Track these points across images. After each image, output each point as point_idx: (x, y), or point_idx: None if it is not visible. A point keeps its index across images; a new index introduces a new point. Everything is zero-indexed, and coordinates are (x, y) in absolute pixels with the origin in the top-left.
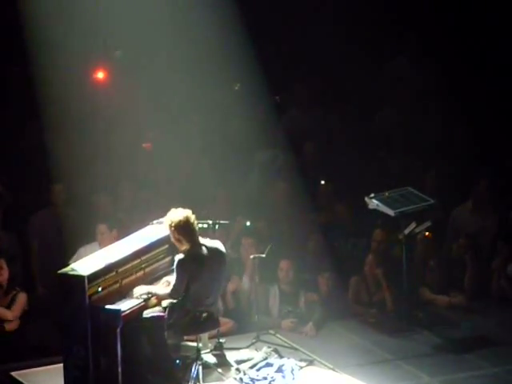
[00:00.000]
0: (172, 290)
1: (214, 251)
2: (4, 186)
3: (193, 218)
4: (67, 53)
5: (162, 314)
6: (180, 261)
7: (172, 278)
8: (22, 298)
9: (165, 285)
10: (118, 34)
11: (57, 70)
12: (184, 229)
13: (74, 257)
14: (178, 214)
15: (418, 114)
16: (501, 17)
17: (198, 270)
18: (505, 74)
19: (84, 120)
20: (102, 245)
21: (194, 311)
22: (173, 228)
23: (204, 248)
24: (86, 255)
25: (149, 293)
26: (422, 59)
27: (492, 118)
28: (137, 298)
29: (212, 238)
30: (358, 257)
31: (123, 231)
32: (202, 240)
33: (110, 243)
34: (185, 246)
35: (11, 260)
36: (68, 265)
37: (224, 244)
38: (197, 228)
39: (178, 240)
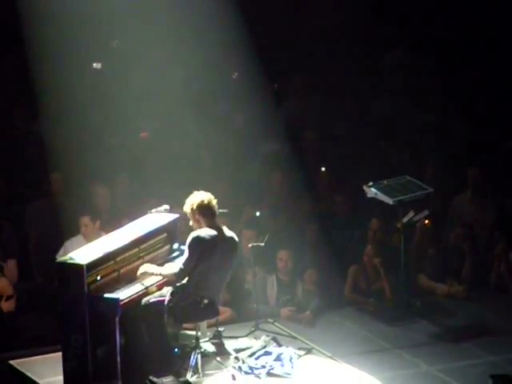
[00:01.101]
0: (180, 269)
1: (229, 238)
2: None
3: (215, 201)
4: (65, 42)
5: (161, 298)
6: (195, 237)
7: (175, 264)
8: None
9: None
10: (116, 24)
11: (54, 59)
12: (205, 210)
13: (61, 251)
14: (200, 196)
15: (415, 104)
16: (499, 8)
17: (211, 249)
18: (501, 62)
19: (81, 109)
20: (87, 237)
21: (195, 295)
22: (194, 208)
23: (222, 233)
24: (72, 248)
25: (152, 273)
26: (419, 50)
27: (490, 108)
28: (139, 278)
29: None
30: (355, 246)
31: (120, 221)
32: (221, 226)
33: (94, 235)
34: (203, 227)
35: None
36: (55, 259)
37: None
38: (217, 213)
39: (198, 221)
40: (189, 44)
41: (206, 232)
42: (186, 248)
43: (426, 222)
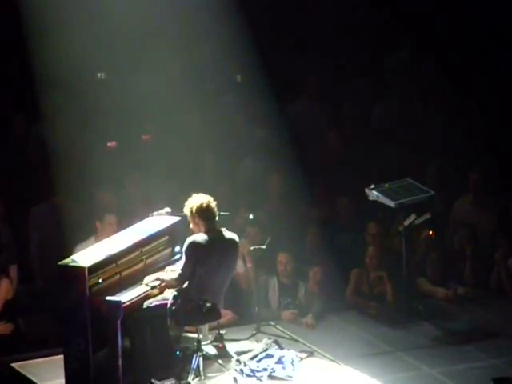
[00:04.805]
0: (179, 274)
1: (228, 241)
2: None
3: (214, 204)
4: (67, 46)
5: (164, 302)
6: (190, 242)
7: (176, 266)
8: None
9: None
10: (117, 28)
11: (58, 62)
12: (204, 214)
13: None
14: (200, 199)
15: (418, 106)
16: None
17: (207, 253)
18: (504, 65)
19: (85, 112)
20: (106, 236)
21: (197, 299)
22: (194, 212)
23: (220, 235)
24: None
25: (157, 279)
26: (421, 51)
27: (493, 111)
28: (146, 285)
29: None
30: (357, 250)
31: (124, 223)
32: (220, 229)
33: (111, 234)
34: (202, 231)
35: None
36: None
37: None
38: (216, 215)
39: (197, 224)
40: (191, 46)
41: (202, 236)
42: (183, 253)
43: (430, 233)
